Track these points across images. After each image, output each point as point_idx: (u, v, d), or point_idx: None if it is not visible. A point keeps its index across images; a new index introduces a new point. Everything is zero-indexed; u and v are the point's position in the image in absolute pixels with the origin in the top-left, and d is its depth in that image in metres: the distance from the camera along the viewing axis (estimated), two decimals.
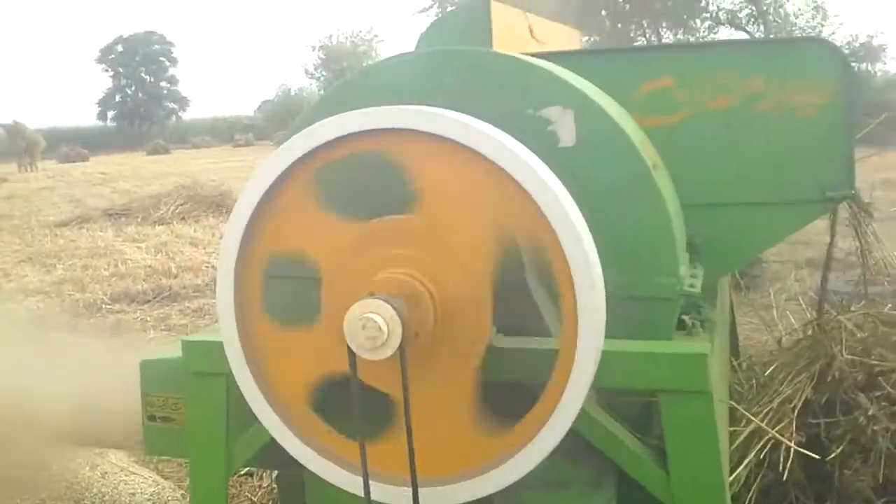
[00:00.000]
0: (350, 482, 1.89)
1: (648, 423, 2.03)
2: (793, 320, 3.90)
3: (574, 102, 2.05)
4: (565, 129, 2.06)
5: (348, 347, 1.71)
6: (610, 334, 2.00)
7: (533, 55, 2.39)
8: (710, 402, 1.87)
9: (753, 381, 3.26)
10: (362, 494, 1.79)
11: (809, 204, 2.38)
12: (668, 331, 2.09)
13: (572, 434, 1.87)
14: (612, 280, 2.06)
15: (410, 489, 1.78)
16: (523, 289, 2.07)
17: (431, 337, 1.83)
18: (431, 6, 22.16)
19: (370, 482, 1.79)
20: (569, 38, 3.71)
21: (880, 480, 2.48)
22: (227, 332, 1.92)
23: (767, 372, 3.28)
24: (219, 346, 1.97)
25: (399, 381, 1.73)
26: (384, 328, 1.69)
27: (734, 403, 2.47)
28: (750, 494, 2.58)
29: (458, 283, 1.81)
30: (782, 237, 2.45)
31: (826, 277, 3.41)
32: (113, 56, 58.94)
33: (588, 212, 2.07)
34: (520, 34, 2.84)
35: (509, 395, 1.88)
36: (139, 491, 3.34)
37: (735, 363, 3.41)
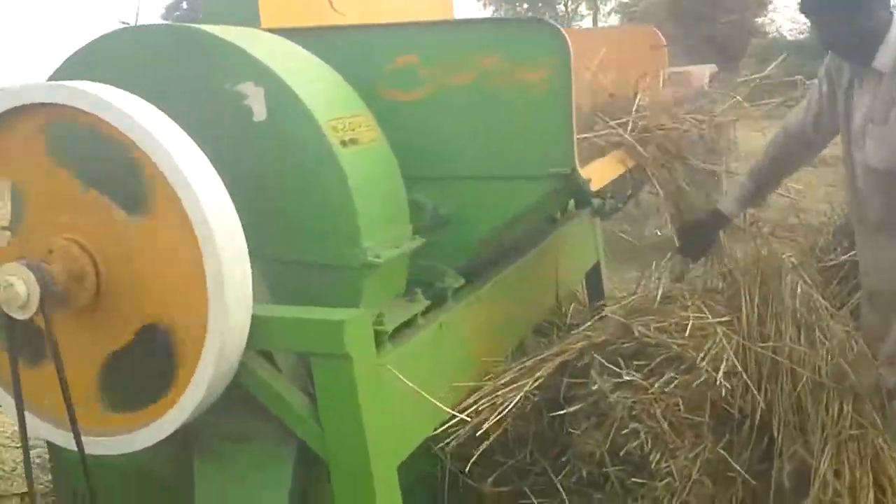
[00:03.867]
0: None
1: None
2: None
3: (264, 79, 2.17)
4: (257, 104, 2.18)
5: None
6: (301, 299, 2.16)
7: (282, 30, 2.51)
8: (350, 365, 1.99)
9: None
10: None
11: (538, 180, 2.44)
12: (356, 297, 2.21)
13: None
14: (301, 248, 2.22)
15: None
16: None
17: (92, 307, 2.03)
18: None
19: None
20: (429, 8, 3.78)
21: (607, 446, 2.55)
22: None
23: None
24: None
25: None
26: (22, 292, 1.87)
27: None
28: (489, 444, 2.65)
29: (124, 263, 2.00)
30: (518, 210, 2.52)
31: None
32: (178, 14, 60.21)
33: (279, 183, 2.22)
34: (310, 5, 2.94)
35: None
36: None
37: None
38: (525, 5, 31.45)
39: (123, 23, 2.91)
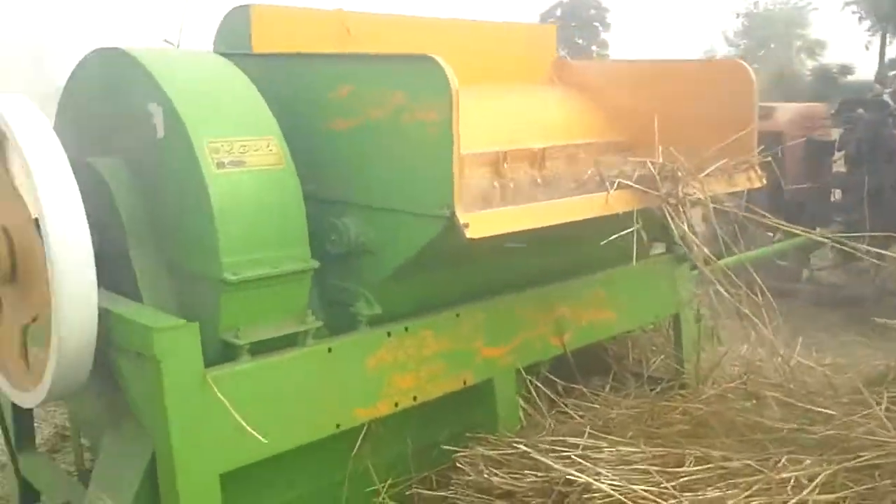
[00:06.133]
0: None
1: None
2: None
3: (162, 101, 2.41)
4: (159, 122, 2.44)
5: None
6: (197, 310, 2.39)
7: (242, 55, 2.76)
8: (157, 368, 2.17)
9: None
10: None
11: (431, 218, 2.40)
12: (216, 309, 2.37)
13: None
14: (188, 261, 2.46)
15: None
16: (125, 255, 2.52)
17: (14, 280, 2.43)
18: None
19: None
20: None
21: None
22: None
23: None
24: None
25: None
26: None
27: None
28: None
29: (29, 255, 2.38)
30: (418, 247, 2.49)
31: None
32: (552, 20, 62.57)
33: (171, 198, 2.48)
34: (326, 33, 3.13)
35: None
36: None
37: None
38: None
39: (167, 42, 3.33)
